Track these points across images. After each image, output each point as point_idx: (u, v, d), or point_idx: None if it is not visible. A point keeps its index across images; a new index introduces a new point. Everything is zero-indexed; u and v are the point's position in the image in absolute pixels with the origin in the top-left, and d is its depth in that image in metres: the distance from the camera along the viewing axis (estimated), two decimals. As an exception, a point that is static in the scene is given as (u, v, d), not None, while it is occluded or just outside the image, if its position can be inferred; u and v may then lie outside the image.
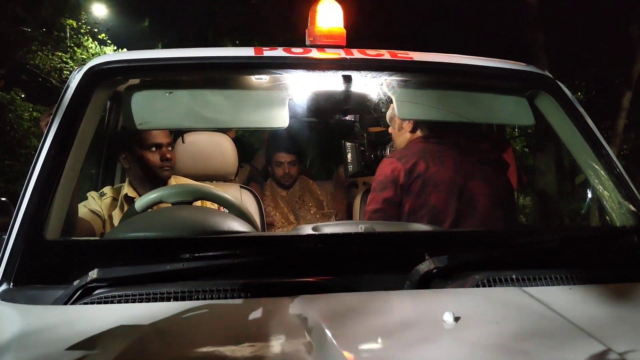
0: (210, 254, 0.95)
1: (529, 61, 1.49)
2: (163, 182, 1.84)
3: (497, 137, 2.00)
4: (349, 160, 2.11)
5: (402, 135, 1.79)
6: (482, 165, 1.65)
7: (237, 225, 1.13)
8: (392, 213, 1.61)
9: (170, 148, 1.84)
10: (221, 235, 1.07)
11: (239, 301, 0.88)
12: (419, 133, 1.75)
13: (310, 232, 1.09)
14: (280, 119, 1.24)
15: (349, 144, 2.11)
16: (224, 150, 2.19)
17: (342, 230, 1.13)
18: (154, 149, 1.80)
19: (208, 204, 1.65)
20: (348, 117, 2.27)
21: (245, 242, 1.05)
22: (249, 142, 5.99)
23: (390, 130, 1.88)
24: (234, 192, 2.11)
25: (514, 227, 1.70)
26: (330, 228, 1.14)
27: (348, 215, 2.69)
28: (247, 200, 2.11)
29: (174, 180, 1.90)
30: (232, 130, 2.96)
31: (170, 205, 1.41)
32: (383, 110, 1.84)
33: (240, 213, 1.36)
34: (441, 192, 1.59)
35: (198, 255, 0.94)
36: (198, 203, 1.55)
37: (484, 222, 1.57)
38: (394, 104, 1.32)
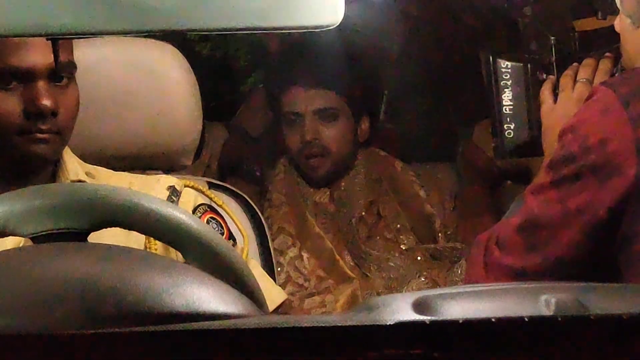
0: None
1: None
2: (32, 172, 1.97)
3: None
4: (505, 110, 2.16)
5: None
6: None
7: (208, 296, 1.19)
8: (585, 254, 1.72)
9: (60, 83, 2.02)
10: (167, 328, 1.11)
11: None
12: None
13: (409, 315, 1.11)
14: (323, 5, 1.28)
15: (509, 64, 2.17)
16: (166, 86, 2.33)
17: (496, 311, 1.15)
18: (14, 83, 1.97)
19: (128, 236, 1.70)
20: None
21: (234, 343, 1.08)
22: (221, 60, 5.92)
23: (617, 25, 1.97)
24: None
25: None
26: (464, 302, 1.18)
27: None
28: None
29: (69, 171, 2.04)
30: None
31: (30, 242, 1.44)
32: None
33: (216, 261, 1.41)
34: None
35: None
36: (102, 235, 1.57)
37: None
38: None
